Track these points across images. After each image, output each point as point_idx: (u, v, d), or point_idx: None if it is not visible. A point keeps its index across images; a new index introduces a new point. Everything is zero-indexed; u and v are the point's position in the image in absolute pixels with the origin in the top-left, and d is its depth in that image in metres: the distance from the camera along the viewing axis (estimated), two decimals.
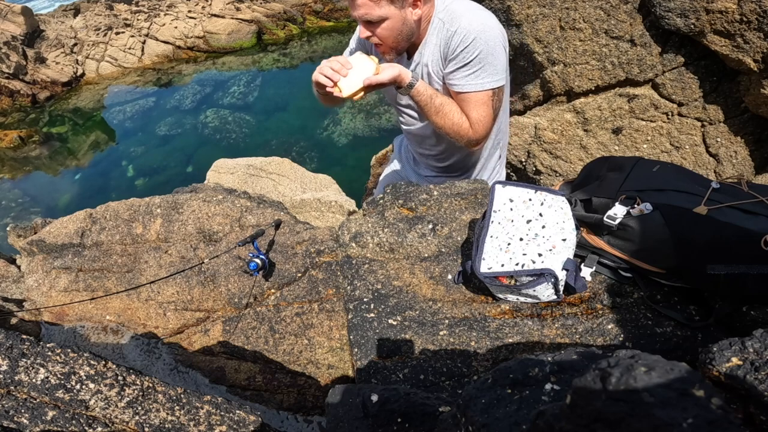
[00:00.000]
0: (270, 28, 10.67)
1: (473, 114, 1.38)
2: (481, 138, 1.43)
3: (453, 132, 1.42)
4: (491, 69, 1.32)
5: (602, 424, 0.46)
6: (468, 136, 1.42)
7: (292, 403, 1.63)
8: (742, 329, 1.13)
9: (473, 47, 1.28)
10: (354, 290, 1.54)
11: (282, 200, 3.27)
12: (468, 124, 1.40)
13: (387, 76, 1.30)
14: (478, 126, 1.39)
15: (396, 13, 1.26)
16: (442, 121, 1.40)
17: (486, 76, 1.33)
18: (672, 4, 2.05)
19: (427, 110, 1.40)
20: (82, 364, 1.18)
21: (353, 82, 1.29)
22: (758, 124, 2.19)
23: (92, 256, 2.05)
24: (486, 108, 1.37)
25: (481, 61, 1.30)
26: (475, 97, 1.35)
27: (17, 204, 7.52)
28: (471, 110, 1.38)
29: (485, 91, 1.34)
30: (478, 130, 1.40)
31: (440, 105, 1.38)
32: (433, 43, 1.36)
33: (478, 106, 1.37)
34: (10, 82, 9.65)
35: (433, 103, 1.38)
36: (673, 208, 1.14)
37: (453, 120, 1.39)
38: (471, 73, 1.32)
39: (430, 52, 1.38)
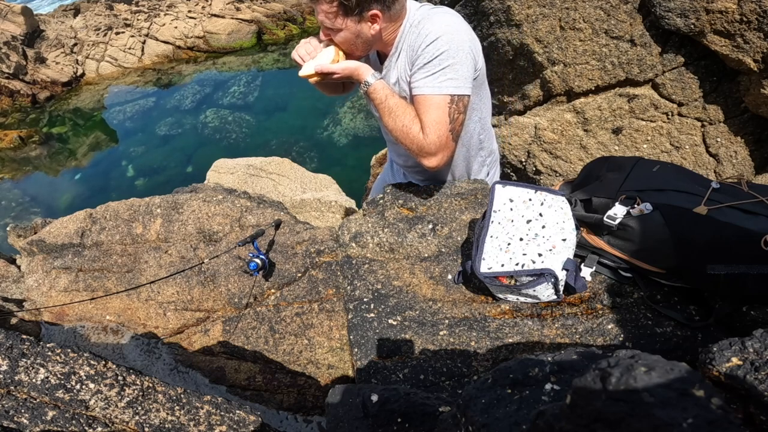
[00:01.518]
0: (270, 28, 10.67)
1: (425, 117, 1.28)
2: (432, 145, 1.29)
3: (402, 135, 1.32)
4: (452, 73, 1.24)
5: (602, 424, 0.46)
6: (418, 141, 1.30)
7: (292, 403, 1.63)
8: (742, 329, 1.13)
9: (435, 46, 1.23)
10: (354, 290, 1.54)
11: (282, 200, 3.27)
12: (418, 128, 1.29)
13: (340, 67, 1.29)
14: (430, 130, 1.27)
15: (352, 26, 1.25)
16: (393, 123, 1.32)
17: (445, 80, 1.25)
18: (672, 4, 2.05)
19: (380, 110, 1.34)
20: (82, 364, 1.18)
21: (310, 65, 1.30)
22: (758, 124, 2.19)
23: (92, 256, 2.05)
24: (441, 113, 1.27)
25: (441, 62, 1.24)
26: (431, 100, 1.27)
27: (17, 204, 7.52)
28: (424, 113, 1.28)
29: (442, 95, 1.26)
30: (429, 134, 1.28)
31: (393, 106, 1.32)
32: (404, 49, 1.34)
33: (432, 110, 1.27)
34: (10, 82, 9.65)
35: (387, 103, 1.32)
36: (673, 208, 1.14)
37: (403, 122, 1.30)
38: (430, 75, 1.26)
39: (402, 54, 1.35)
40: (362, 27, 1.27)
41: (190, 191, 2.21)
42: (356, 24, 1.25)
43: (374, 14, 1.24)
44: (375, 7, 1.23)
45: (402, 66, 1.36)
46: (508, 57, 2.74)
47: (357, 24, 1.25)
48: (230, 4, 10.73)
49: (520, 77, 2.80)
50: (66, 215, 2.24)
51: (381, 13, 1.25)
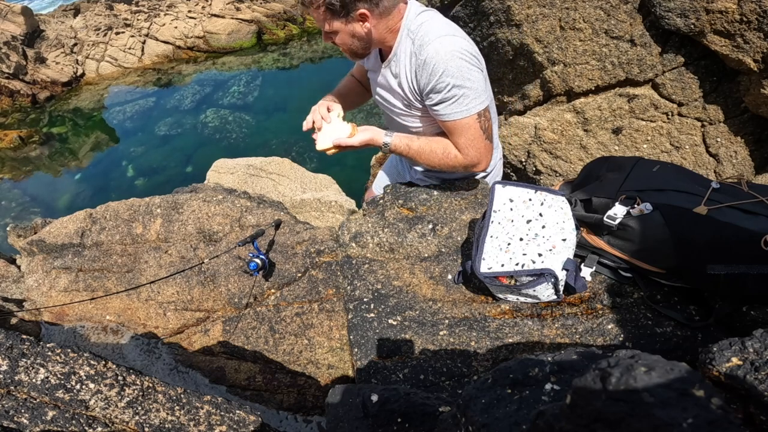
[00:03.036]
0: (270, 28, 10.66)
1: (461, 140, 1.38)
2: (474, 161, 1.42)
3: (444, 166, 1.44)
4: (471, 94, 1.31)
5: (602, 424, 0.46)
6: (460, 162, 1.42)
7: (292, 403, 1.63)
8: (742, 329, 1.13)
9: (444, 79, 1.28)
10: (354, 290, 1.54)
11: (282, 200, 3.27)
12: (455, 153, 1.41)
13: (358, 140, 1.40)
14: (468, 150, 1.39)
15: (342, 27, 1.30)
16: (429, 161, 1.44)
17: (468, 102, 1.31)
18: (672, 4, 2.05)
19: (411, 158, 1.46)
20: (82, 364, 1.18)
21: (326, 139, 1.43)
22: (758, 124, 2.19)
23: (92, 256, 2.05)
24: (473, 131, 1.36)
25: (457, 90, 1.29)
26: (461, 124, 1.35)
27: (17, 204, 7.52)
28: (459, 137, 1.38)
29: (470, 116, 1.33)
30: (470, 153, 1.39)
31: (418, 149, 1.42)
32: (404, 60, 1.36)
33: (466, 132, 1.36)
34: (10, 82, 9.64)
35: (412, 150, 1.43)
36: (673, 208, 1.14)
37: (438, 156, 1.42)
38: (452, 103, 1.32)
39: (403, 67, 1.38)
40: (354, 27, 1.30)
41: (190, 191, 2.21)
42: (347, 25, 1.29)
43: (362, 13, 1.27)
44: (362, 6, 1.26)
45: (408, 79, 1.38)
46: (508, 57, 2.74)
47: (348, 25, 1.29)
48: (230, 4, 10.72)
49: (520, 77, 2.80)
50: (66, 215, 2.24)
51: (369, 11, 1.27)
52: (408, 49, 1.34)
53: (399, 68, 1.38)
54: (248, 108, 8.63)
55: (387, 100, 1.52)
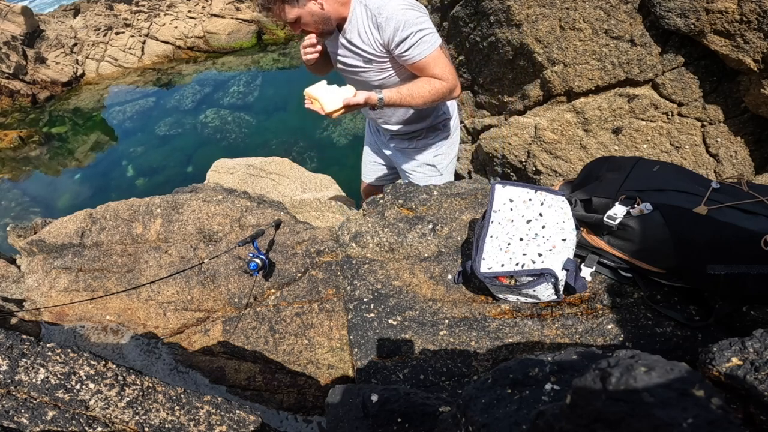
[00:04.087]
0: (270, 28, 10.66)
1: (438, 70, 1.60)
2: (454, 83, 1.64)
3: (435, 96, 1.62)
4: (429, 32, 1.55)
5: (602, 424, 0.46)
6: (446, 88, 1.62)
7: (292, 403, 1.63)
8: (742, 329, 1.13)
9: (408, 29, 1.51)
10: (354, 290, 1.53)
11: (282, 200, 3.27)
12: (438, 82, 1.61)
13: (362, 98, 1.54)
14: (447, 75, 1.61)
15: (301, 11, 1.53)
16: (423, 99, 1.61)
17: (429, 39, 1.55)
18: (672, 4, 2.05)
19: (406, 104, 1.63)
20: (82, 364, 1.18)
21: (336, 100, 1.52)
22: (758, 124, 2.19)
23: (92, 256, 2.05)
24: (443, 59, 1.61)
25: (419, 33, 1.53)
26: (432, 57, 1.58)
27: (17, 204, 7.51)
28: (435, 68, 1.60)
29: (435, 50, 1.57)
30: (449, 78, 1.62)
31: (409, 93, 1.61)
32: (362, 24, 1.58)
33: (438, 62, 1.59)
34: (10, 82, 9.64)
35: (403, 96, 1.60)
36: (673, 208, 1.14)
37: (426, 90, 1.61)
38: (418, 45, 1.55)
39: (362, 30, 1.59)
40: (310, 7, 1.53)
41: (190, 191, 2.21)
42: (304, 8, 1.52)
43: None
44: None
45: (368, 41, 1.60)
46: (508, 57, 2.74)
47: (304, 8, 1.52)
48: (230, 4, 10.72)
49: (520, 77, 2.80)
50: (66, 215, 2.24)
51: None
52: (363, 14, 1.57)
53: (355, 32, 1.60)
54: (248, 108, 8.62)
55: (346, 63, 1.72)
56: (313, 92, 1.55)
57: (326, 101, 1.53)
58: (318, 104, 1.54)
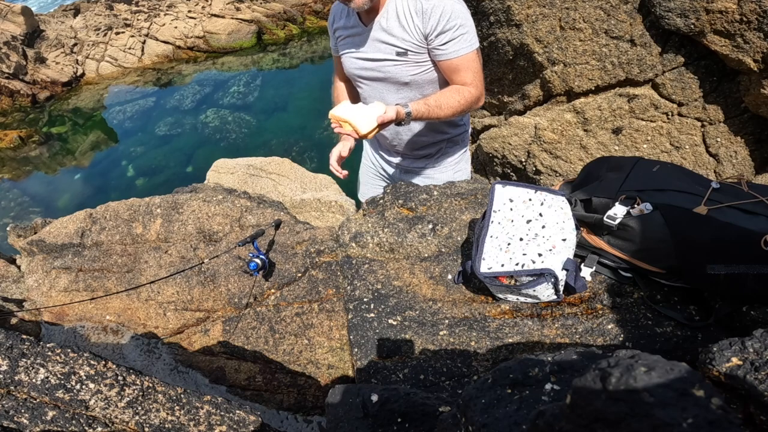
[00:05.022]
0: (270, 28, 10.66)
1: (468, 76, 1.53)
2: (481, 92, 1.57)
3: (464, 106, 1.55)
4: (471, 31, 1.49)
5: (602, 424, 0.46)
6: (474, 96, 1.55)
7: (292, 403, 1.63)
8: (742, 329, 1.13)
9: (454, 17, 1.44)
10: (354, 290, 1.54)
11: (282, 200, 3.27)
12: (467, 89, 1.54)
13: (392, 113, 1.44)
14: (476, 82, 1.55)
15: None
16: (452, 109, 1.53)
17: (470, 38, 1.49)
18: (672, 4, 2.05)
19: (434, 116, 1.53)
20: (82, 364, 1.18)
21: (370, 120, 1.43)
22: (758, 124, 2.19)
23: (92, 256, 2.05)
24: (476, 65, 1.54)
25: (462, 27, 1.46)
26: (467, 59, 1.51)
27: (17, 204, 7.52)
28: (467, 72, 1.53)
29: (472, 51, 1.51)
30: (478, 86, 1.55)
31: (437, 103, 1.52)
32: (401, 10, 1.49)
33: (471, 66, 1.53)
34: (10, 82, 9.64)
35: (431, 108, 1.51)
36: (673, 208, 1.14)
37: (456, 99, 1.53)
38: (458, 41, 1.48)
39: (402, 17, 1.49)
40: None
41: (190, 191, 2.21)
42: None
43: None
44: None
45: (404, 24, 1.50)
46: (508, 57, 2.74)
47: None
48: (230, 4, 10.72)
49: (520, 77, 2.80)
50: (66, 215, 2.24)
51: None
52: (403, 1, 1.48)
53: (394, 19, 1.50)
54: (248, 108, 8.62)
55: (374, 58, 1.60)
56: (343, 114, 1.45)
57: (359, 122, 1.42)
58: (349, 126, 1.43)
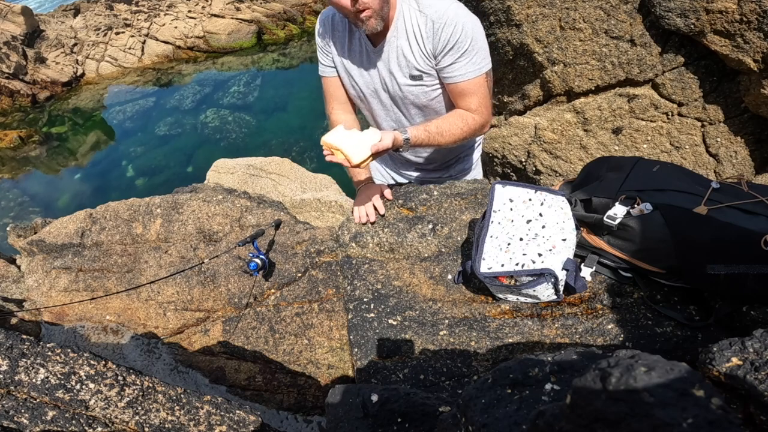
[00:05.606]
0: (270, 28, 10.66)
1: (474, 102, 1.43)
2: (487, 119, 1.48)
3: (467, 133, 1.46)
4: (483, 52, 1.39)
5: (602, 424, 0.46)
6: (479, 124, 1.46)
7: (292, 403, 1.63)
8: (742, 329, 1.13)
9: (465, 35, 1.33)
10: (354, 290, 1.54)
11: (282, 200, 3.27)
12: (471, 116, 1.44)
13: (389, 140, 1.32)
14: (482, 109, 1.45)
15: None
16: (453, 136, 1.44)
17: (480, 61, 1.39)
18: (672, 4, 2.05)
19: (434, 144, 1.44)
20: (82, 364, 1.18)
21: (363, 149, 1.31)
22: (758, 124, 2.19)
23: (92, 256, 2.05)
24: (484, 90, 1.44)
25: (474, 47, 1.35)
26: (474, 83, 1.41)
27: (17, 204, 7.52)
28: (472, 97, 1.42)
29: (481, 75, 1.41)
30: (483, 113, 1.45)
31: (438, 130, 1.42)
32: (411, 28, 1.37)
33: (478, 91, 1.42)
34: (10, 82, 9.64)
35: (431, 135, 1.41)
36: (673, 208, 1.14)
37: (458, 126, 1.44)
38: (468, 61, 1.37)
39: (411, 35, 1.38)
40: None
41: (190, 191, 2.21)
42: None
43: None
44: None
45: (415, 50, 1.40)
46: (508, 57, 2.74)
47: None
48: (230, 4, 10.72)
49: (520, 77, 2.80)
50: (66, 215, 2.24)
51: None
52: (414, 16, 1.36)
53: (402, 39, 1.39)
54: (248, 108, 8.63)
55: (386, 82, 1.49)
56: (334, 142, 1.32)
57: (352, 152, 1.30)
58: (341, 155, 1.32)
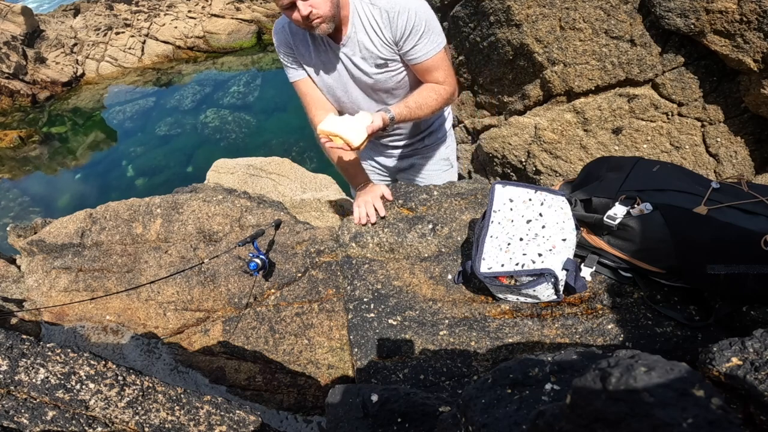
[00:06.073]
0: (270, 28, 10.65)
1: (440, 75, 1.55)
2: (454, 87, 1.60)
3: (440, 104, 1.57)
4: (437, 30, 1.50)
5: (602, 424, 0.46)
6: (449, 93, 1.58)
7: (292, 403, 1.63)
8: (742, 329, 1.13)
9: (419, 19, 1.44)
10: (354, 290, 1.53)
11: (282, 200, 3.27)
12: (441, 87, 1.55)
13: (379, 120, 1.43)
14: (449, 80, 1.57)
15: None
16: (430, 108, 1.55)
17: (436, 38, 1.50)
18: (672, 4, 2.05)
19: (415, 117, 1.54)
20: (82, 364, 1.18)
21: (360, 132, 1.38)
22: (758, 124, 2.19)
23: (92, 256, 2.05)
24: (446, 63, 1.56)
25: (429, 27, 1.47)
26: (436, 59, 1.52)
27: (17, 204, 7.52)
28: (438, 72, 1.54)
29: (441, 50, 1.52)
30: (450, 83, 1.57)
31: (416, 105, 1.53)
32: (367, 22, 1.48)
33: (442, 65, 1.54)
34: (10, 82, 9.64)
35: (411, 109, 1.51)
36: (673, 208, 1.14)
37: (433, 98, 1.55)
38: (428, 41, 1.48)
39: (369, 28, 1.48)
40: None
41: (190, 191, 2.21)
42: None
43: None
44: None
45: (376, 42, 1.50)
46: (508, 57, 2.74)
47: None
48: (230, 4, 10.72)
49: (520, 77, 2.80)
50: (66, 215, 2.24)
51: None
52: (367, 9, 1.46)
53: (362, 34, 1.50)
54: (248, 108, 8.62)
55: (354, 74, 1.58)
56: (332, 129, 1.38)
57: (351, 136, 1.36)
58: (340, 140, 1.37)
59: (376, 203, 1.67)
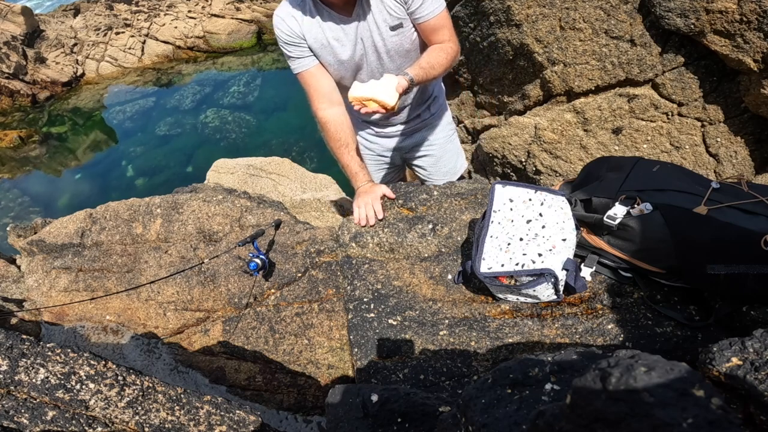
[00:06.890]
0: (270, 28, 10.65)
1: (446, 34, 1.60)
2: (459, 47, 1.66)
3: (450, 62, 1.61)
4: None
5: (602, 424, 0.46)
6: (456, 51, 1.63)
7: (292, 403, 1.63)
8: (742, 329, 1.13)
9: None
10: (354, 290, 1.53)
11: (282, 200, 3.27)
12: (449, 47, 1.60)
13: (404, 81, 1.46)
14: (453, 38, 1.63)
15: None
16: (443, 67, 1.59)
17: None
18: (672, 4, 2.05)
19: (430, 77, 1.57)
20: (82, 364, 1.18)
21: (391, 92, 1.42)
22: (758, 124, 2.19)
23: (92, 256, 2.05)
24: (449, 22, 1.61)
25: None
26: (442, 17, 1.57)
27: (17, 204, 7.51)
28: (444, 30, 1.59)
29: (444, 8, 1.58)
30: (455, 40, 1.63)
31: (429, 65, 1.56)
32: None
33: (446, 23, 1.60)
34: (10, 82, 9.64)
35: (424, 69, 1.54)
36: (673, 208, 1.14)
37: (443, 57, 1.59)
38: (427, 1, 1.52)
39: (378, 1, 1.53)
40: None
41: (190, 191, 2.21)
42: None
43: None
44: None
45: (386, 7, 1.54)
46: (508, 57, 2.74)
47: None
48: (230, 4, 10.72)
49: (520, 77, 2.80)
50: (66, 215, 2.24)
51: None
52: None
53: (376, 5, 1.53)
54: (248, 108, 8.62)
55: (371, 42, 1.60)
56: (364, 93, 1.42)
57: (384, 97, 1.41)
58: (374, 104, 1.42)
59: (376, 204, 1.67)
